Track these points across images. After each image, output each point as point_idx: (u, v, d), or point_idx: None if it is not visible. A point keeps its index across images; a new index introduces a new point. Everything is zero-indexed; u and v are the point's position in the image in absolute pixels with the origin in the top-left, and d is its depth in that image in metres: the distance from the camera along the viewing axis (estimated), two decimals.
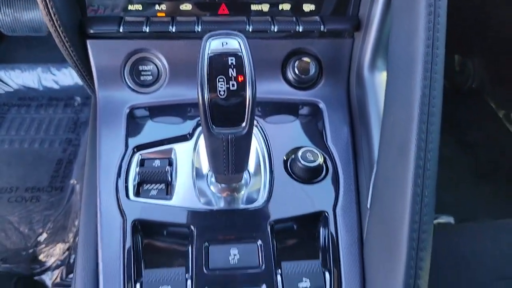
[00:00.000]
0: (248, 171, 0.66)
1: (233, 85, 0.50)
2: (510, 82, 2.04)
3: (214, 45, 0.51)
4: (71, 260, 1.44)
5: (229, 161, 0.56)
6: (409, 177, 0.51)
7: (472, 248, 0.92)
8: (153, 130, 0.71)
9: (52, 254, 1.49)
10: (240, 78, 0.50)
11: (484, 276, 0.88)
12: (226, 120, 0.52)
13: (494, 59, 2.07)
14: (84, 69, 0.74)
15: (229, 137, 0.52)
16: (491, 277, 0.87)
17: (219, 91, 0.50)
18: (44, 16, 0.62)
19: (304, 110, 0.76)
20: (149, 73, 0.75)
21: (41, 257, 1.49)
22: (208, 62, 0.50)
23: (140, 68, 0.74)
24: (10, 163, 1.73)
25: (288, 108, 0.76)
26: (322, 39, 0.75)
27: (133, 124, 0.71)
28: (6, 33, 1.67)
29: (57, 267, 1.46)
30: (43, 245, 1.51)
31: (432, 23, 0.52)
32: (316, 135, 0.71)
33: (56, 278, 1.42)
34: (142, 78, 0.74)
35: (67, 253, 1.48)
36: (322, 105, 0.74)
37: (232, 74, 0.50)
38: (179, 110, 0.73)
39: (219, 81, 0.50)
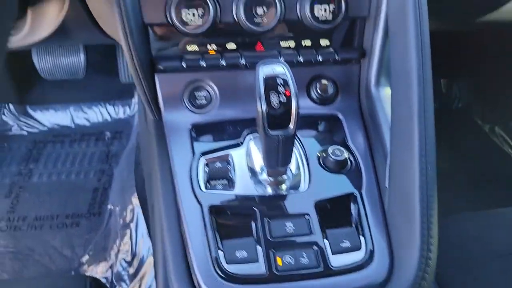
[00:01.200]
0: (290, 170, 0.84)
1: (283, 98, 0.69)
2: (492, 101, 2.27)
3: (266, 70, 0.71)
4: (114, 278, 1.56)
5: (279, 156, 0.74)
6: (415, 155, 0.69)
7: (468, 233, 1.08)
8: (212, 141, 0.89)
9: (96, 272, 1.61)
10: (287, 93, 0.70)
11: (481, 256, 1.02)
12: (278, 124, 0.71)
13: (477, 81, 2.31)
14: (151, 97, 0.94)
15: (279, 137, 0.71)
16: (487, 257, 1.01)
17: (273, 103, 0.69)
18: (127, 54, 0.83)
19: (328, 122, 0.96)
20: (203, 98, 0.94)
21: None
22: (264, 82, 0.70)
23: (196, 94, 0.94)
24: (50, 194, 1.86)
25: (316, 122, 0.96)
26: (336, 66, 0.96)
27: (196, 137, 0.90)
28: (45, 77, 1.87)
29: None
30: (86, 265, 1.63)
31: (420, 44, 0.72)
32: (339, 139, 0.90)
33: None
34: (198, 102, 0.94)
35: (109, 270, 1.60)
36: (340, 116, 0.94)
37: (281, 90, 0.70)
38: (229, 125, 0.92)
39: (272, 96, 0.69)
